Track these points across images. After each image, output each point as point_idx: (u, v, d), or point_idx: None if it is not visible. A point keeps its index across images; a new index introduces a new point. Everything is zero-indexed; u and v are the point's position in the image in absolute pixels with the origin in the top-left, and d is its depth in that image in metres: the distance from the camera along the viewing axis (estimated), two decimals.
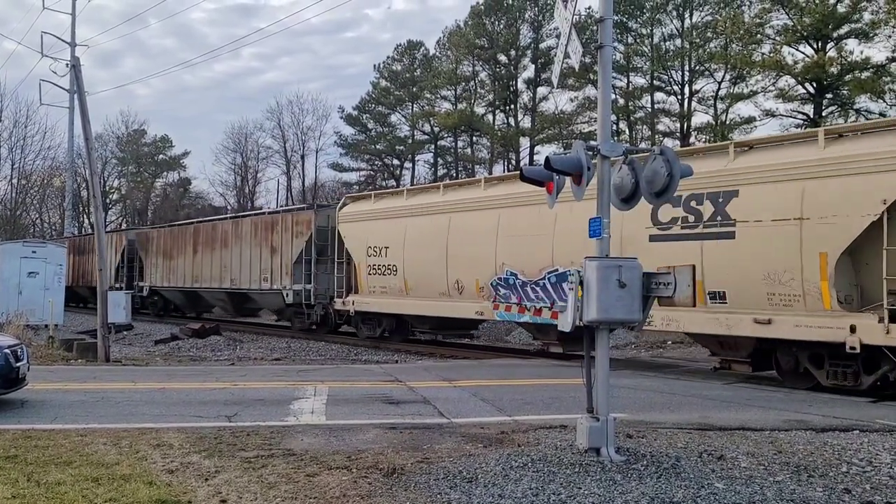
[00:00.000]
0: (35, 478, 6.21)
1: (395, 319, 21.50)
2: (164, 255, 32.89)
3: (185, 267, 30.95)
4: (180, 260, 31.43)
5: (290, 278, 24.06)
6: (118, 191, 70.69)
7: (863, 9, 31.35)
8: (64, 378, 12.62)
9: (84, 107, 18.04)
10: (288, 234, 24.55)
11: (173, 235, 32.78)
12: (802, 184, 11.91)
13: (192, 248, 30.53)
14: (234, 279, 27.41)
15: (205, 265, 29.46)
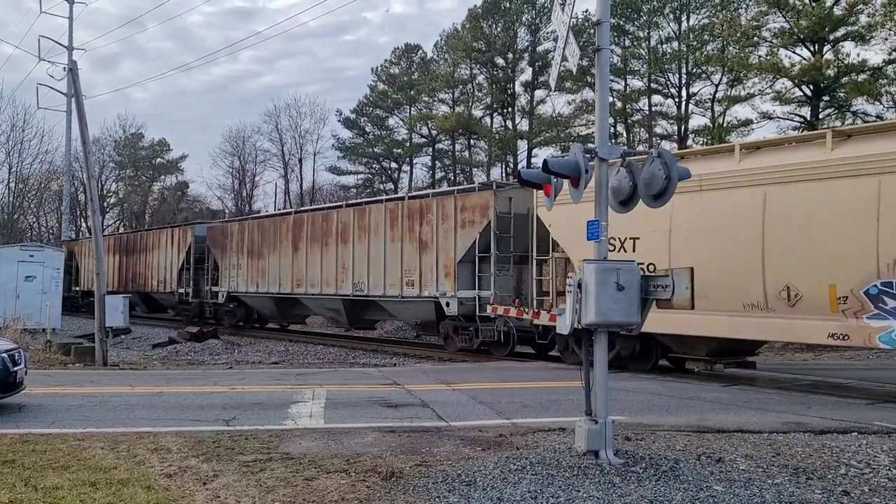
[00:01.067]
0: (32, 482, 6.19)
1: (637, 341, 14.83)
2: (250, 253, 27.00)
3: (281, 268, 25.18)
4: (273, 259, 25.64)
5: (453, 282, 18.62)
6: (116, 194, 70.54)
7: (859, 11, 31.41)
8: (61, 382, 12.59)
9: (81, 110, 18.03)
10: (448, 224, 18.99)
11: (263, 229, 26.63)
12: None
13: (290, 245, 24.78)
14: (359, 283, 21.77)
15: (311, 266, 23.69)
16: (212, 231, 30.42)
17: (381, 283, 20.91)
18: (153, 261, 33.71)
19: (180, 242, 31.55)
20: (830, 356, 18.56)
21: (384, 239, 20.93)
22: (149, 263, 34.12)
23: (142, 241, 35.57)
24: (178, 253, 31.41)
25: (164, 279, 32.63)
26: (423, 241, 19.73)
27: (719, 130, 38.10)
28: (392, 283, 20.56)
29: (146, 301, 35.93)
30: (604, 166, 7.16)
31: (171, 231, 33.31)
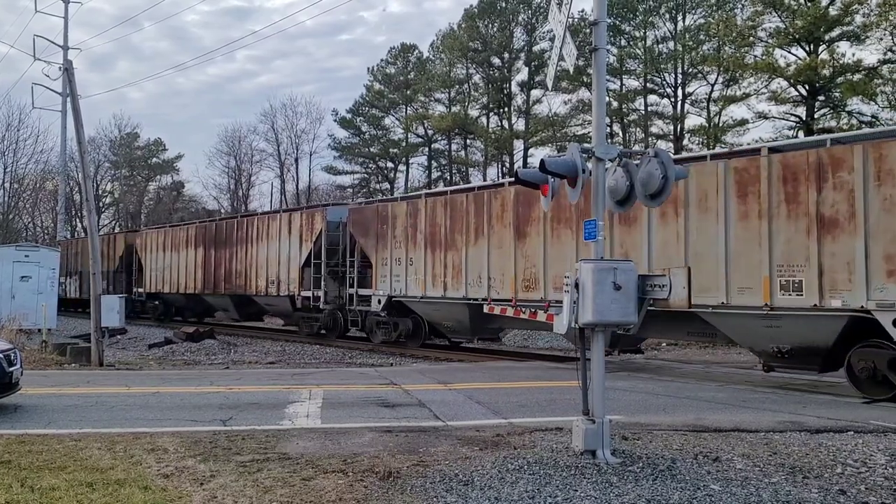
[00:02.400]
0: (29, 483, 6.18)
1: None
2: (431, 243, 19.39)
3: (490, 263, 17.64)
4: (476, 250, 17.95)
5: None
6: (111, 194, 70.47)
7: (854, 11, 31.51)
8: (58, 382, 12.56)
9: (77, 110, 17.98)
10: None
11: (454, 208, 18.77)
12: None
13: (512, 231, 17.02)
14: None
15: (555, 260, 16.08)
16: (358, 214, 22.59)
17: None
18: (258, 255, 26.37)
19: (304, 231, 24.17)
20: None
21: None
22: (251, 259, 26.78)
23: (240, 230, 27.92)
24: (301, 244, 24.14)
25: (276, 279, 25.26)
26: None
27: (715, 130, 38.20)
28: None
29: (242, 306, 28.81)
30: (601, 166, 7.17)
31: (290, 216, 25.48)
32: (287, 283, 24.80)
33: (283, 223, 25.40)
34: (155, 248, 33.55)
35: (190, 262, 30.62)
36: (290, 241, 24.78)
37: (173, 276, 31.88)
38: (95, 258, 17.51)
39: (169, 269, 32.27)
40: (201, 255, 29.99)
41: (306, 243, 24.01)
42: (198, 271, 30.11)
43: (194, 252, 30.48)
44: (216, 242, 29.16)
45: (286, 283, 24.86)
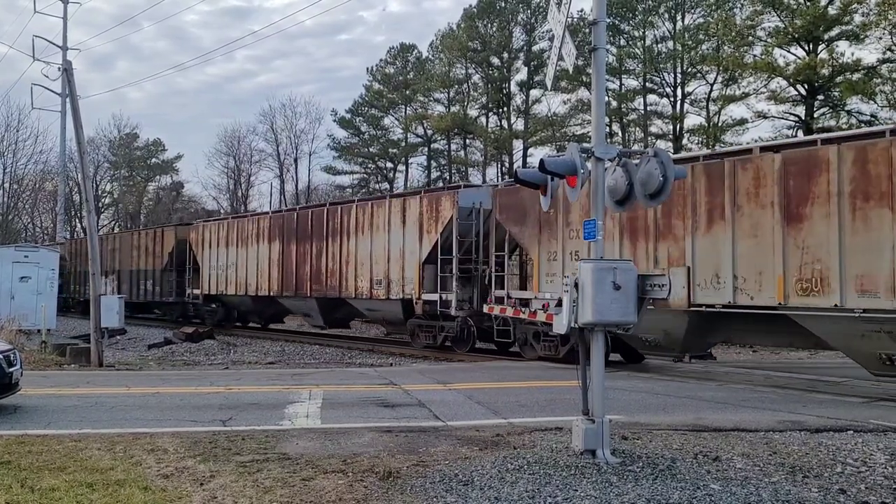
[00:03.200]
0: (29, 483, 6.18)
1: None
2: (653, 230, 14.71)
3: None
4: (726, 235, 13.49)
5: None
6: (110, 195, 70.48)
7: (853, 11, 31.52)
8: (57, 383, 12.56)
9: (76, 111, 17.98)
10: None
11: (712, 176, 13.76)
12: None
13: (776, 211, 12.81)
14: None
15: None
16: (510, 197, 17.67)
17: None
18: (358, 251, 21.94)
19: (426, 220, 19.60)
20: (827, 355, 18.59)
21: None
22: (347, 255, 22.50)
23: (331, 220, 23.36)
24: (422, 237, 19.58)
25: (385, 279, 20.91)
26: None
27: (714, 130, 38.20)
28: None
29: (330, 311, 24.59)
30: (600, 166, 7.17)
31: (403, 203, 20.46)
32: (400, 285, 20.18)
33: (393, 211, 20.82)
34: (215, 243, 29.04)
35: (262, 259, 26.18)
36: (404, 233, 20.19)
37: (239, 275, 27.42)
38: (94, 258, 17.50)
39: (234, 268, 27.72)
40: (277, 250, 25.33)
41: (429, 235, 19.26)
42: (272, 270, 25.63)
43: (267, 247, 25.88)
44: (298, 236, 24.43)
45: (398, 283, 20.22)
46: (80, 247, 38.54)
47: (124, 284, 35.66)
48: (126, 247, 36.16)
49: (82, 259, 37.23)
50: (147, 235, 34.77)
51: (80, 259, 37.64)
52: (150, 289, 33.41)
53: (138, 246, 34.74)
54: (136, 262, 34.90)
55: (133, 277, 35.07)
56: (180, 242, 31.58)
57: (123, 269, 36.16)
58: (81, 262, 37.43)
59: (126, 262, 35.79)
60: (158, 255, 32.88)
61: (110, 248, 37.03)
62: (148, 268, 33.66)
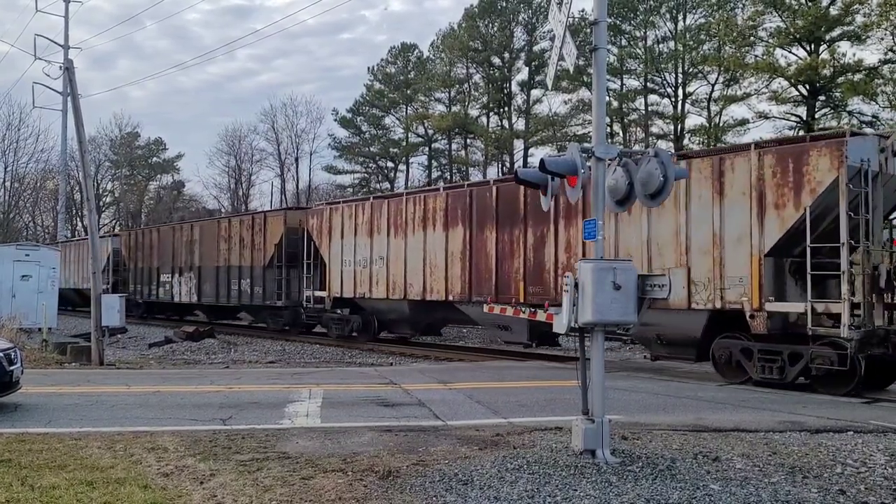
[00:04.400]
0: (29, 482, 6.18)
1: None
2: None
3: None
4: None
5: None
6: (112, 193, 70.55)
7: (855, 11, 31.53)
8: (58, 381, 12.57)
9: (77, 109, 17.99)
10: None
11: None
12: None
13: None
14: None
15: None
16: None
17: None
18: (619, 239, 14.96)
19: (767, 189, 12.71)
20: None
21: None
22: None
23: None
24: (762, 215, 12.79)
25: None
26: None
27: (715, 130, 38.21)
28: None
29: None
30: (601, 166, 7.18)
31: (718, 163, 13.40)
32: (713, 288, 13.28)
33: (699, 177, 13.56)
34: (350, 230, 22.18)
35: (434, 250, 19.25)
36: (721, 208, 13.29)
37: (392, 273, 20.46)
38: (96, 257, 17.50)
39: (382, 264, 20.78)
40: (461, 239, 18.59)
41: (778, 211, 12.56)
42: (452, 266, 18.70)
43: (443, 235, 19.02)
44: (499, 219, 17.77)
45: (710, 285, 13.31)
46: (143, 239, 34.56)
47: (207, 284, 28.82)
48: (209, 237, 28.92)
49: (146, 253, 33.72)
50: (243, 224, 27.08)
51: (144, 253, 33.97)
52: (247, 290, 26.27)
53: (229, 236, 27.50)
54: (225, 257, 27.56)
55: (221, 276, 27.80)
56: (292, 231, 24.66)
57: (206, 265, 28.96)
58: (145, 256, 33.75)
59: (210, 256, 28.73)
60: (259, 247, 25.73)
61: (185, 240, 30.60)
62: (244, 264, 26.44)
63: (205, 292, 29.04)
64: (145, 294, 33.63)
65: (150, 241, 33.74)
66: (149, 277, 33.33)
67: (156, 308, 34.37)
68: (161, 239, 32.75)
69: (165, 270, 32.00)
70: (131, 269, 35.09)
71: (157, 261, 32.65)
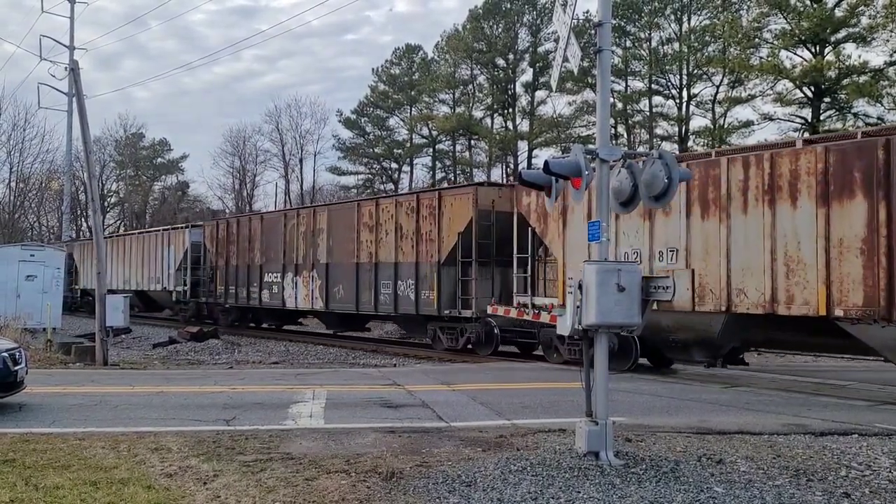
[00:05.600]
0: (33, 481, 6.19)
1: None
2: None
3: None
4: None
5: None
6: (116, 194, 70.71)
7: (860, 13, 31.47)
8: (62, 382, 12.59)
9: (82, 110, 18.04)
10: None
11: None
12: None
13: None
14: None
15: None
16: None
17: None
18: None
19: None
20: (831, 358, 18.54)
21: None
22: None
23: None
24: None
25: None
26: None
27: (720, 132, 38.15)
28: None
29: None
30: (605, 167, 7.17)
31: None
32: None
33: None
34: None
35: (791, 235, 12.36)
36: None
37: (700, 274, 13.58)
38: (101, 258, 17.55)
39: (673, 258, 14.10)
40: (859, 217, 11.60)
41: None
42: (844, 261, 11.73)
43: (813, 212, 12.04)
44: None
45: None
46: (237, 230, 27.92)
47: (339, 286, 22.36)
48: (343, 226, 22.45)
49: (243, 247, 27.18)
50: (401, 206, 20.62)
51: (240, 247, 27.35)
52: (407, 295, 20.11)
53: (377, 223, 21.05)
54: (370, 251, 21.28)
55: (363, 276, 21.46)
56: (484, 215, 18.21)
57: (337, 261, 22.52)
58: (241, 251, 27.28)
59: (344, 250, 22.25)
60: (429, 236, 19.33)
61: (305, 230, 24.10)
62: (403, 260, 20.23)
63: (336, 297, 22.52)
64: (240, 297, 27.18)
65: (249, 233, 26.95)
66: (246, 277, 26.80)
67: (251, 315, 28.49)
68: (265, 229, 26.11)
69: (272, 268, 25.44)
70: (220, 266, 28.56)
71: (259, 256, 26.22)
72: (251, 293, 26.65)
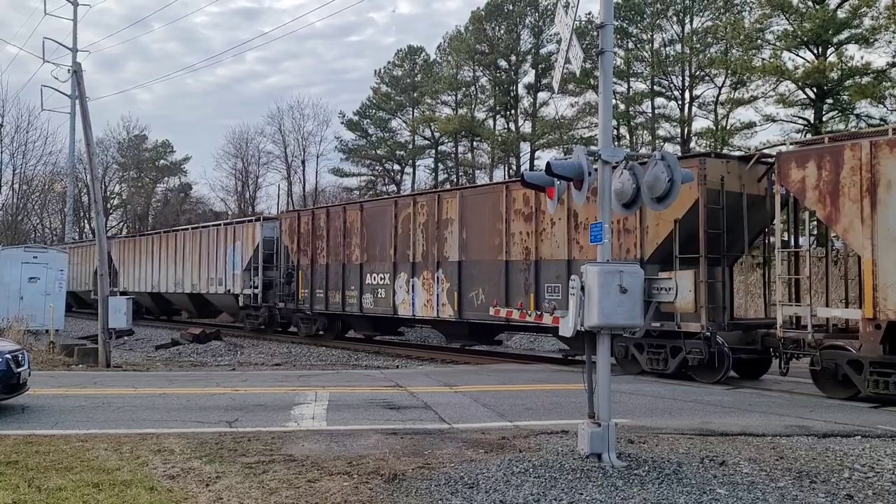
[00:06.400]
0: (36, 483, 6.20)
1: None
2: None
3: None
4: None
5: None
6: (119, 196, 70.79)
7: (863, 14, 31.44)
8: (65, 383, 12.61)
9: (85, 112, 18.07)
10: None
11: None
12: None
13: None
14: None
15: None
16: None
17: None
18: None
19: None
20: None
21: None
22: None
23: None
24: None
25: None
26: None
27: (722, 133, 38.12)
28: None
29: None
30: (607, 169, 7.17)
31: None
32: None
33: None
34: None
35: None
36: None
37: None
38: (102, 259, 17.58)
39: None
40: None
41: None
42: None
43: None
44: None
45: None
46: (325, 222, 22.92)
47: (475, 290, 17.97)
48: (483, 215, 17.93)
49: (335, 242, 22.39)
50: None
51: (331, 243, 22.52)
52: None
53: (534, 210, 16.66)
54: (523, 246, 16.85)
55: (513, 276, 17.12)
56: (713, 196, 13.85)
57: (475, 259, 18.07)
58: (332, 247, 22.51)
59: (485, 245, 17.80)
60: (626, 227, 14.99)
61: (423, 221, 19.71)
62: (578, 256, 15.70)
63: (473, 303, 18.04)
64: (331, 303, 22.53)
65: (345, 225, 22.14)
66: (339, 279, 22.12)
67: (341, 323, 23.62)
68: (367, 221, 21.40)
69: (378, 268, 20.83)
70: (303, 266, 23.85)
71: (359, 254, 21.52)
72: (347, 298, 21.85)
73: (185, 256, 30.19)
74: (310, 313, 23.69)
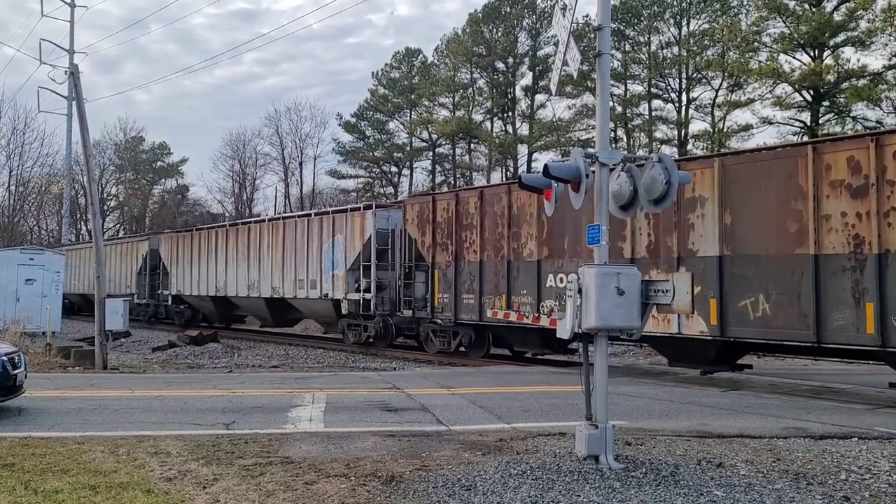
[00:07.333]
0: (32, 486, 6.19)
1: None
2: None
3: None
4: None
5: None
6: (116, 198, 70.71)
7: (859, 17, 31.54)
8: (61, 386, 12.59)
9: (82, 114, 18.04)
10: None
11: None
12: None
13: None
14: None
15: None
16: None
17: None
18: None
19: None
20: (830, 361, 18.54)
21: None
22: None
23: None
24: None
25: None
26: None
27: (719, 135, 38.20)
28: None
29: None
30: (604, 171, 7.17)
31: None
32: None
33: None
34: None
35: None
36: None
37: None
38: (100, 261, 17.54)
39: None
40: None
41: None
42: None
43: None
44: None
45: None
46: (478, 209, 17.61)
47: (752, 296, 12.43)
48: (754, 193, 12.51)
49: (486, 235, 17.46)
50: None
51: (484, 235, 17.51)
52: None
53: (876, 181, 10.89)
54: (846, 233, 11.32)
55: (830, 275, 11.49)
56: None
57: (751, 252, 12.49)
58: (486, 240, 17.48)
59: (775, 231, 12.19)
60: None
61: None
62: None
63: (747, 315, 12.59)
64: (485, 312, 17.35)
65: (510, 212, 16.97)
66: (501, 281, 17.12)
67: (490, 336, 18.52)
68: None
69: (568, 266, 15.39)
70: (440, 264, 18.82)
71: (532, 248, 16.43)
72: (512, 306, 16.69)
73: (263, 254, 25.19)
74: (451, 323, 18.68)
